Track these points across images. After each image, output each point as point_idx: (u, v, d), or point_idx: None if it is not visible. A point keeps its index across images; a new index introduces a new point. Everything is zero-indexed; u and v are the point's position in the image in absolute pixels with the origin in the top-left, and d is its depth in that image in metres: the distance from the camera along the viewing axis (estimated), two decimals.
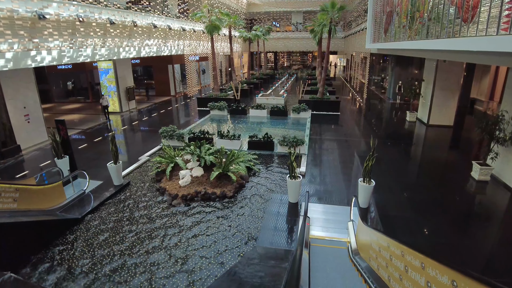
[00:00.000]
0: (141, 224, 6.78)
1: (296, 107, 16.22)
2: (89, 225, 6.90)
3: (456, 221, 7.12)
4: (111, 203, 7.85)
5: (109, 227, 6.75)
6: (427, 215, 7.28)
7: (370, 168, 6.87)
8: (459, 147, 12.55)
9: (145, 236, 6.35)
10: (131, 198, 8.09)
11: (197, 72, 30.35)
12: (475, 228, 6.92)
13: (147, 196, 8.17)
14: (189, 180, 8.31)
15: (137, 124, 16.71)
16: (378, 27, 15.74)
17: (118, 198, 8.14)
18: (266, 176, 9.15)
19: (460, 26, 6.96)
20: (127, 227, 6.71)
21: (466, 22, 6.75)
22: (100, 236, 6.41)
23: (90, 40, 14.25)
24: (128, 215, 7.21)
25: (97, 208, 7.65)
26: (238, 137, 11.20)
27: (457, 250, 6.04)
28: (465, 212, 7.68)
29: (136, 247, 5.99)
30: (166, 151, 9.37)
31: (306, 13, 42.34)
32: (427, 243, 6.24)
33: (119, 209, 7.55)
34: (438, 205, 7.75)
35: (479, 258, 5.90)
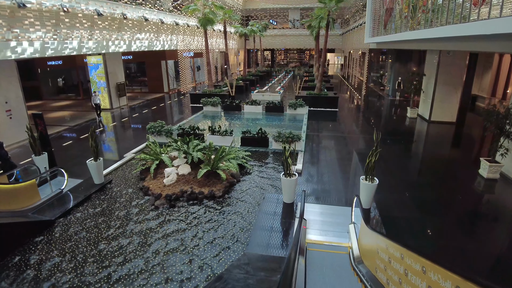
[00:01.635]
0: (117, 229, 6.10)
1: (292, 103, 15.58)
2: (61, 228, 6.22)
3: (466, 223, 6.53)
4: (89, 204, 7.17)
5: (82, 231, 6.07)
6: (434, 216, 6.68)
7: (373, 164, 6.23)
8: (463, 144, 12.00)
9: (120, 243, 5.66)
10: (111, 198, 7.41)
11: (192, 68, 29.65)
12: (485, 230, 6.32)
13: (128, 196, 7.50)
14: (175, 178, 7.65)
15: (127, 120, 16.01)
16: (377, 20, 15.16)
17: (97, 198, 7.46)
18: (260, 174, 8.50)
19: (470, 10, 6.35)
20: (102, 231, 6.02)
21: (476, 5, 6.15)
22: (70, 242, 5.73)
23: (76, 32, 13.52)
24: (105, 218, 6.53)
25: (73, 209, 6.97)
26: (231, 133, 10.54)
27: (470, 253, 5.44)
28: (475, 213, 7.09)
29: (108, 256, 5.31)
30: (151, 147, 8.68)
31: (304, 9, 41.66)
32: (434, 247, 5.63)
33: (96, 210, 6.87)
34: (446, 205, 7.15)
35: (491, 262, 5.30)
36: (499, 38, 6.02)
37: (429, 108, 13.65)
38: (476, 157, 10.13)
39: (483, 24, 5.64)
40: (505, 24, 5.02)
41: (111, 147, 12.13)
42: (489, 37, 6.20)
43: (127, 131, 14.24)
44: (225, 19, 23.22)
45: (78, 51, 13.83)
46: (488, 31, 5.39)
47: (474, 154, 10.81)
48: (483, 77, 17.51)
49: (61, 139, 12.50)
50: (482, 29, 5.61)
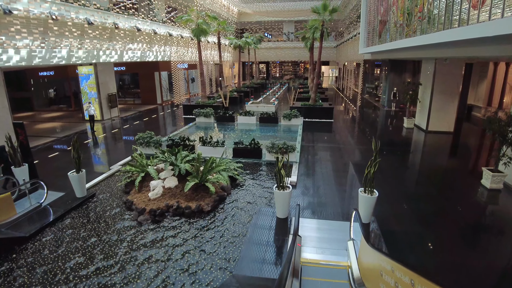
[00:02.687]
0: (94, 248, 5.55)
1: (287, 114, 15.25)
2: (35, 246, 5.66)
3: (471, 236, 6.08)
4: (68, 219, 6.63)
5: (57, 249, 5.52)
6: (437, 230, 6.24)
7: (373, 175, 5.81)
8: (463, 154, 11.69)
9: (95, 265, 5.11)
10: (92, 213, 6.88)
11: (186, 80, 29.40)
12: (492, 244, 5.89)
13: (111, 210, 6.96)
14: (161, 192, 7.15)
15: (117, 132, 15.55)
16: (372, 30, 15.06)
17: (77, 213, 6.92)
18: (252, 187, 8.03)
19: (469, 13, 6.10)
20: (78, 251, 5.47)
21: (475, 8, 5.90)
22: (41, 261, 5.17)
23: (65, 41, 13.16)
24: (82, 235, 5.98)
25: (51, 224, 6.44)
26: (222, 143, 10.10)
27: (476, 270, 4.99)
28: (480, 226, 6.65)
29: (82, 279, 4.77)
30: (136, 159, 8.20)
31: (298, 22, 42.03)
32: (439, 263, 5.17)
33: (74, 226, 6.32)
34: (449, 218, 6.72)
35: (498, 279, 4.85)
36: (500, 41, 5.75)
37: (426, 118, 13.40)
38: (477, 167, 9.82)
39: (484, 26, 5.36)
40: (508, 25, 4.73)
41: (98, 159, 11.62)
42: (489, 41, 5.93)
43: (116, 143, 13.77)
44: (219, 31, 23.11)
45: (67, 61, 13.45)
46: (490, 33, 5.10)
47: (474, 164, 10.50)
48: (478, 86, 17.43)
49: (48, 150, 12.04)
50: (483, 31, 5.32)
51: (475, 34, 5.55)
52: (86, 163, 10.30)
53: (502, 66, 15.86)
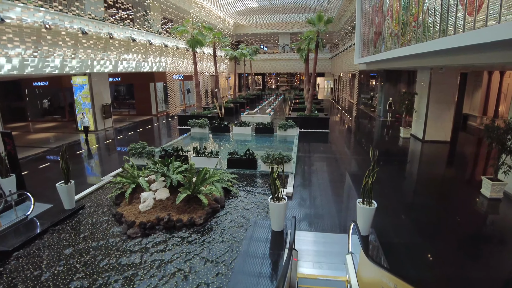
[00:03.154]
0: (78, 264, 5.25)
1: (282, 124, 15.11)
2: (18, 260, 5.35)
3: (473, 247, 5.85)
4: (54, 233, 6.33)
5: (41, 264, 5.20)
6: (438, 241, 6.01)
7: (371, 186, 5.61)
8: (460, 163, 11.58)
9: (78, 284, 4.80)
10: (80, 226, 6.57)
11: (182, 91, 29.32)
12: (494, 255, 5.65)
13: (99, 223, 6.67)
14: (152, 204, 6.87)
15: (110, 142, 15.29)
16: (366, 41, 15.13)
17: (65, 225, 6.63)
18: (247, 198, 7.77)
19: (464, 20, 6.04)
20: (62, 266, 5.16)
21: (471, 15, 5.84)
22: (22, 280, 4.84)
23: (59, 50, 13.01)
24: (68, 250, 5.67)
25: (36, 238, 6.15)
26: (216, 154, 9.88)
27: (479, 283, 4.77)
28: (482, 236, 6.43)
29: None
30: (127, 169, 7.94)
31: (293, 34, 42.50)
32: (441, 276, 4.93)
33: (60, 240, 6.02)
34: (450, 229, 6.50)
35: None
36: (496, 47, 5.67)
37: (422, 127, 13.33)
38: (476, 176, 9.70)
39: (481, 32, 5.28)
40: (506, 30, 4.64)
41: (89, 170, 11.32)
42: (485, 47, 5.86)
43: (108, 153, 13.49)
44: (215, 42, 23.17)
45: (61, 70, 13.27)
46: (487, 39, 5.02)
47: (473, 173, 10.38)
48: (473, 96, 17.51)
49: (39, 161, 11.76)
50: (480, 38, 5.24)
51: (471, 40, 5.46)
52: (77, 174, 10.05)
53: (496, 75, 15.97)
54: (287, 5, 35.05)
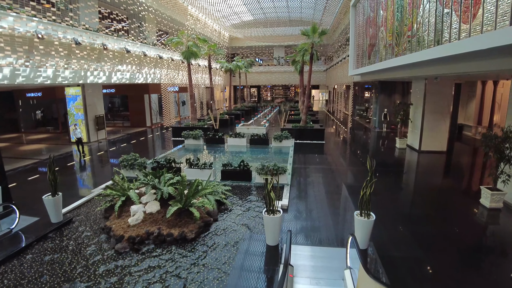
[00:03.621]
0: (62, 282, 4.92)
1: (278, 135, 14.96)
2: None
3: (475, 259, 5.63)
4: (39, 247, 6.01)
5: (21, 282, 4.87)
6: (439, 254, 5.78)
7: (369, 197, 5.41)
8: (458, 173, 11.48)
9: None
10: (66, 241, 6.25)
11: (177, 103, 29.21)
12: (498, 267, 5.44)
13: (87, 237, 6.36)
14: (141, 217, 6.58)
15: (102, 154, 14.99)
16: (361, 52, 15.21)
17: (50, 240, 6.32)
18: (241, 211, 7.51)
19: (459, 28, 6.00)
20: (44, 284, 4.84)
21: (466, 23, 5.80)
22: None
23: (51, 60, 12.86)
24: (51, 266, 5.35)
25: (20, 252, 5.84)
26: (210, 165, 9.64)
27: None
28: (484, 248, 6.21)
29: None
30: (117, 182, 7.66)
31: (288, 47, 42.96)
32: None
33: (45, 254, 5.70)
34: (450, 240, 6.28)
35: None
36: (491, 54, 5.62)
37: (418, 137, 13.26)
38: (474, 186, 9.57)
39: (477, 39, 5.22)
40: (502, 36, 4.57)
41: (79, 182, 11.01)
42: (480, 55, 5.80)
43: (100, 165, 13.18)
44: (210, 54, 23.22)
45: (53, 80, 13.09)
46: (484, 46, 4.94)
47: (471, 183, 10.27)
48: (467, 106, 17.62)
49: (28, 173, 11.43)
50: (476, 45, 5.17)
51: (467, 48, 5.40)
52: (67, 186, 9.80)
53: (490, 85, 16.10)
54: (281, 19, 35.52)
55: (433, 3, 7.03)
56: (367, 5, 13.99)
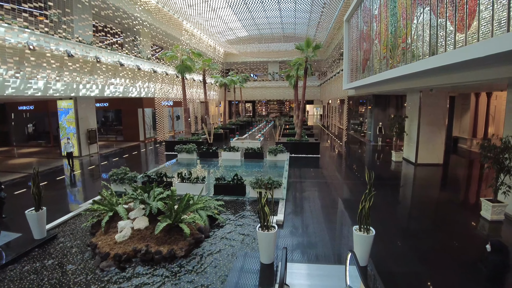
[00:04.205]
0: None
1: (272, 149, 14.75)
2: None
3: (480, 275, 5.35)
4: (19, 265, 5.63)
5: None
6: (442, 269, 5.48)
7: (368, 211, 5.16)
8: (456, 186, 11.34)
9: None
10: (48, 258, 5.86)
11: (171, 117, 29.02)
12: (507, 284, 5.18)
13: (70, 255, 5.98)
14: (129, 233, 6.23)
15: (93, 169, 14.60)
16: (355, 66, 15.27)
17: (32, 257, 5.94)
18: (234, 227, 7.18)
19: (455, 37, 5.94)
20: None
21: (461, 32, 5.74)
22: None
23: (42, 72, 12.64)
24: (31, 286, 4.96)
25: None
26: (202, 179, 9.34)
27: None
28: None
29: None
30: (104, 196, 7.32)
31: (282, 63, 43.40)
32: None
33: (24, 274, 5.31)
34: (453, 256, 5.99)
35: None
36: (487, 62, 5.53)
37: (414, 150, 13.15)
38: (474, 198, 9.40)
39: (474, 47, 5.13)
40: (499, 43, 4.48)
41: (67, 196, 10.61)
42: (475, 64, 5.72)
43: (90, 180, 12.77)
44: (204, 68, 23.24)
45: (44, 92, 12.83)
46: (481, 54, 4.85)
47: (471, 196, 10.11)
48: (462, 118, 17.70)
49: (15, 187, 11.05)
50: (472, 53, 5.08)
51: (463, 57, 5.31)
52: (54, 201, 9.45)
53: (484, 98, 16.23)
54: (276, 35, 36.05)
55: (427, 14, 7.02)
56: (360, 19, 14.14)
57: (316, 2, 22.56)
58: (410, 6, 7.79)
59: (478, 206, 7.92)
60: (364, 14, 13.32)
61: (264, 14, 27.17)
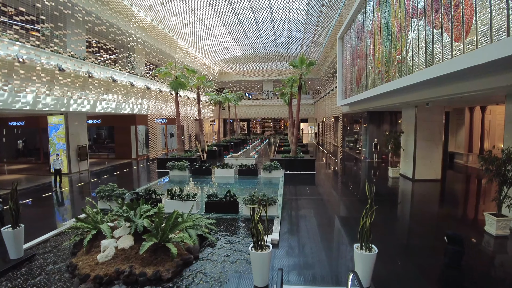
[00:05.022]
0: None
1: (267, 165, 14.40)
2: None
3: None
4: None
5: None
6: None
7: (369, 228, 4.80)
8: (457, 201, 11.05)
9: None
10: (23, 280, 5.34)
11: (164, 135, 28.69)
12: None
13: (48, 277, 5.47)
14: (112, 253, 5.75)
15: (82, 186, 14.08)
16: (349, 82, 15.26)
17: (5, 279, 5.41)
18: (225, 247, 6.71)
19: (452, 46, 5.82)
20: None
21: (458, 40, 5.63)
22: None
23: (32, 85, 12.35)
24: None
25: None
26: (193, 197, 8.92)
27: None
28: (499, 281, 5.55)
29: None
30: (88, 213, 6.86)
31: (276, 81, 43.79)
32: None
33: None
34: (461, 274, 5.59)
35: None
36: (488, 69, 5.38)
37: (411, 166, 12.92)
38: (476, 213, 9.20)
39: (473, 54, 4.98)
40: (499, 49, 4.32)
41: (51, 214, 10.07)
42: (475, 71, 5.56)
43: (77, 197, 12.24)
44: (199, 85, 23.18)
45: (33, 106, 12.50)
46: (482, 60, 4.69)
47: (472, 211, 9.85)
48: (457, 134, 17.69)
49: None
50: (472, 60, 4.93)
51: (462, 65, 5.15)
52: (37, 219, 8.98)
53: (478, 113, 16.27)
54: (270, 54, 36.60)
55: (421, 27, 6.96)
56: (354, 36, 14.26)
57: (310, 21, 22.99)
58: (404, 19, 7.76)
59: (481, 222, 7.65)
60: (358, 31, 13.43)
61: (258, 33, 27.59)
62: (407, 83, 7.51)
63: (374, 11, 10.63)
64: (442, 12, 5.96)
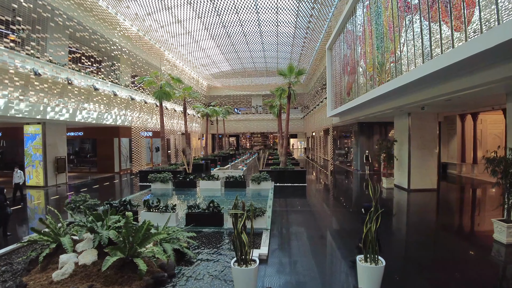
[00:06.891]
0: None
1: (256, 176, 13.66)
2: None
3: None
4: None
5: None
6: None
7: (374, 235, 4.11)
8: (458, 210, 10.62)
9: None
10: None
11: (150, 149, 27.71)
12: None
13: None
14: (70, 270, 4.87)
15: (57, 199, 13.04)
16: (339, 91, 14.90)
17: None
18: (207, 264, 5.86)
19: (452, 37, 5.38)
20: None
21: (459, 30, 5.19)
22: None
23: (3, 88, 11.47)
24: None
25: None
26: (173, 208, 8.08)
27: None
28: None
29: None
30: (47, 223, 5.97)
31: (265, 96, 43.59)
32: None
33: None
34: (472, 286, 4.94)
35: None
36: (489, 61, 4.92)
37: (406, 176, 12.40)
38: (481, 221, 8.85)
39: (480, 38, 4.50)
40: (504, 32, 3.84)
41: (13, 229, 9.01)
42: (476, 62, 5.10)
43: (48, 211, 11.20)
44: (185, 96, 22.54)
45: (4, 112, 11.58)
46: (487, 46, 4.21)
47: (476, 219, 9.41)
48: (449, 144, 17.47)
49: None
50: (478, 46, 4.45)
51: (467, 53, 4.67)
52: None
53: (470, 122, 16.10)
54: (259, 69, 36.56)
55: (417, 22, 6.57)
56: (343, 44, 14.00)
57: (298, 34, 22.92)
58: (397, 17, 7.40)
59: (489, 229, 7.14)
60: (347, 38, 13.18)
61: (247, 47, 27.44)
62: (403, 83, 7.06)
63: (364, 16, 10.36)
64: (439, 3, 5.57)
